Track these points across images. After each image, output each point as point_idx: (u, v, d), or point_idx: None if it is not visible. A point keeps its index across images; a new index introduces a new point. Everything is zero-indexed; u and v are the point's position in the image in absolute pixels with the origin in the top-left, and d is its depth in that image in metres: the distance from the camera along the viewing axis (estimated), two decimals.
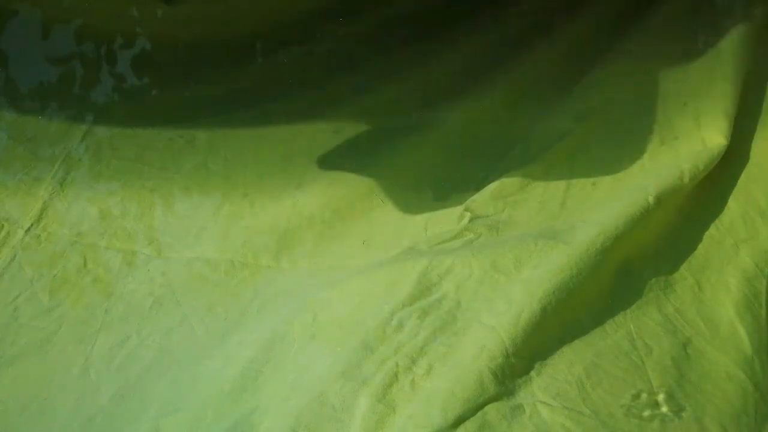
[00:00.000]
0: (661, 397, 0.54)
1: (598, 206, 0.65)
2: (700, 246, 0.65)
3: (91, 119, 0.74)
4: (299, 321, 0.59)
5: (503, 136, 0.73)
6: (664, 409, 0.54)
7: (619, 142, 0.70)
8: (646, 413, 0.53)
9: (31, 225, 0.68)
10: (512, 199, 0.68)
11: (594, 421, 0.52)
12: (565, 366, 0.55)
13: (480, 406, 0.51)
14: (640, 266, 0.62)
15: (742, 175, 0.68)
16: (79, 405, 0.58)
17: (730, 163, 0.68)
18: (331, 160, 0.72)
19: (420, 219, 0.68)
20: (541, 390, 0.53)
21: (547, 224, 0.66)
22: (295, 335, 0.58)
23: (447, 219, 0.68)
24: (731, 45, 0.74)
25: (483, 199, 0.68)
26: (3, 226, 0.68)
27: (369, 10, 0.83)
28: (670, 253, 0.64)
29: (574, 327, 0.57)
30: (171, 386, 0.58)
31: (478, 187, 0.69)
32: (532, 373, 0.54)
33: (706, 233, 0.65)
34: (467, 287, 0.59)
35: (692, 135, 0.68)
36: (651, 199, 0.62)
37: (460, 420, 0.50)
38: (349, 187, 0.70)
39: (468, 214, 0.67)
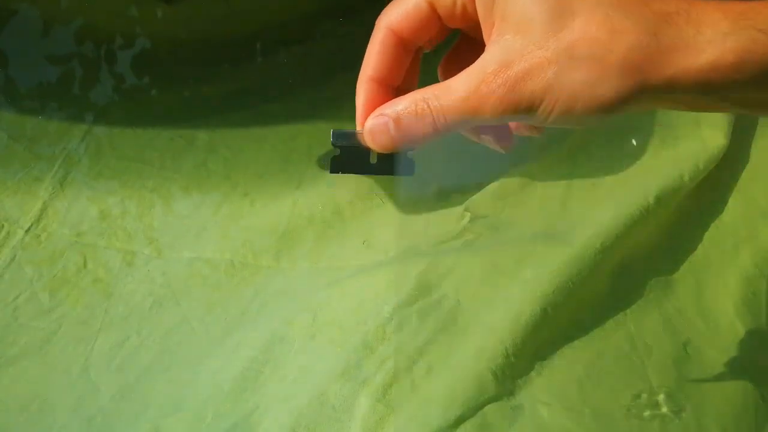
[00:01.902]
0: (661, 398, 0.54)
1: (599, 206, 0.65)
2: (700, 246, 0.65)
3: (91, 119, 0.74)
4: (299, 321, 0.59)
5: None
6: (665, 409, 0.54)
7: (620, 142, 0.70)
8: (647, 413, 0.53)
9: (31, 225, 0.68)
10: (512, 199, 0.68)
11: (594, 421, 0.52)
12: (565, 366, 0.55)
13: (480, 406, 0.51)
14: (640, 266, 0.62)
15: (743, 175, 0.68)
16: (79, 405, 0.58)
17: (731, 162, 0.68)
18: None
19: (420, 219, 0.68)
20: (541, 390, 0.53)
21: (547, 224, 0.65)
22: (295, 335, 0.58)
23: (447, 219, 0.67)
24: None
25: (483, 199, 0.68)
26: (3, 225, 0.67)
27: (369, 10, 0.83)
28: (670, 253, 0.64)
29: (574, 327, 0.58)
30: (171, 386, 0.58)
31: (479, 186, 0.69)
32: (533, 373, 0.54)
33: (707, 233, 0.65)
34: (467, 287, 0.59)
35: (692, 135, 0.68)
36: (651, 199, 0.62)
37: (460, 420, 0.50)
38: (349, 187, 0.70)
39: (468, 214, 0.67)
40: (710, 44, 0.34)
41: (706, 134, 0.68)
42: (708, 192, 0.67)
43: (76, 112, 0.73)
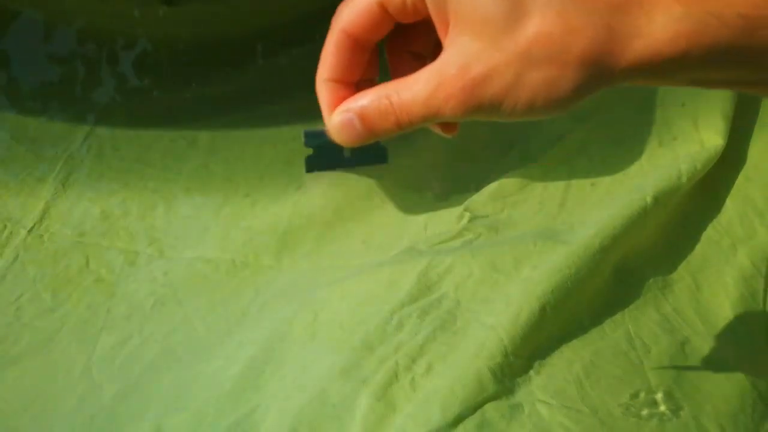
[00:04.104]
0: (659, 396, 0.54)
1: (597, 206, 0.66)
2: (698, 246, 0.65)
3: (93, 120, 0.74)
4: (300, 320, 0.59)
5: (502, 136, 0.73)
6: (663, 408, 0.54)
7: (618, 143, 0.70)
8: (645, 412, 0.53)
9: (34, 225, 0.68)
10: (511, 200, 0.68)
11: (593, 419, 0.52)
12: (564, 365, 0.55)
13: (479, 405, 0.51)
14: (638, 266, 0.63)
15: (740, 176, 0.69)
16: (82, 404, 0.58)
17: (728, 163, 0.68)
18: None
19: (420, 219, 0.69)
20: (540, 389, 0.53)
21: (546, 224, 0.66)
22: (296, 334, 0.58)
23: (447, 219, 0.68)
24: None
25: (482, 199, 0.68)
26: (5, 226, 0.68)
27: None
28: (668, 253, 0.64)
29: (573, 326, 0.58)
30: (173, 385, 0.58)
31: (478, 187, 0.69)
32: (531, 372, 0.54)
33: (704, 233, 0.66)
34: (467, 287, 0.59)
35: (690, 136, 0.69)
36: (649, 200, 0.63)
37: (460, 419, 0.50)
38: (349, 187, 0.70)
39: (468, 214, 0.67)
40: (663, 32, 0.35)
41: (703, 135, 0.68)
42: (705, 192, 0.68)
43: (79, 113, 0.74)
